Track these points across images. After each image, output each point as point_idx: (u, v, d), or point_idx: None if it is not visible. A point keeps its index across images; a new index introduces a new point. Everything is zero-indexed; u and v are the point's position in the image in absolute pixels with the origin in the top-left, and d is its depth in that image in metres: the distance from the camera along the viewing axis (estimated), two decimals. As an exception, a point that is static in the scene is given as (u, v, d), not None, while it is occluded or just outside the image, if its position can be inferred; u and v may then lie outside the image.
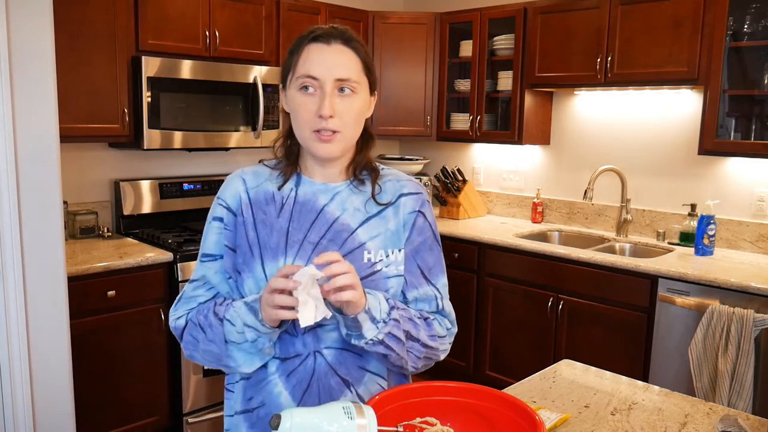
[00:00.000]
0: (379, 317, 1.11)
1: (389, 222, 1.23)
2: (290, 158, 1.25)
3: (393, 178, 1.28)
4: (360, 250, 1.19)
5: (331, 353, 1.19)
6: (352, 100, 1.17)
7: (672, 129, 3.34)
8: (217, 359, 1.20)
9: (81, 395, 2.44)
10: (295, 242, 1.19)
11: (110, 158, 3.27)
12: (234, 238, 1.23)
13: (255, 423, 1.24)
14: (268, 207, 1.23)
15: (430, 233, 1.27)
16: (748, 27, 2.85)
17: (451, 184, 3.96)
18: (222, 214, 1.24)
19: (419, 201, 1.26)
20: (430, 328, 1.23)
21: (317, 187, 1.23)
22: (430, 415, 1.11)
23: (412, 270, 1.24)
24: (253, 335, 1.13)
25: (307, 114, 1.15)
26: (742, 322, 2.50)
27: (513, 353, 3.36)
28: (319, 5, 3.67)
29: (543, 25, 3.43)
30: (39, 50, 2.10)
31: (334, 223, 1.20)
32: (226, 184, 1.26)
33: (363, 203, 1.23)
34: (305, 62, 1.15)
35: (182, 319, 1.25)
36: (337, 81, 1.15)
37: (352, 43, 1.18)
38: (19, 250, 2.10)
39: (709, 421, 1.39)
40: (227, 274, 1.23)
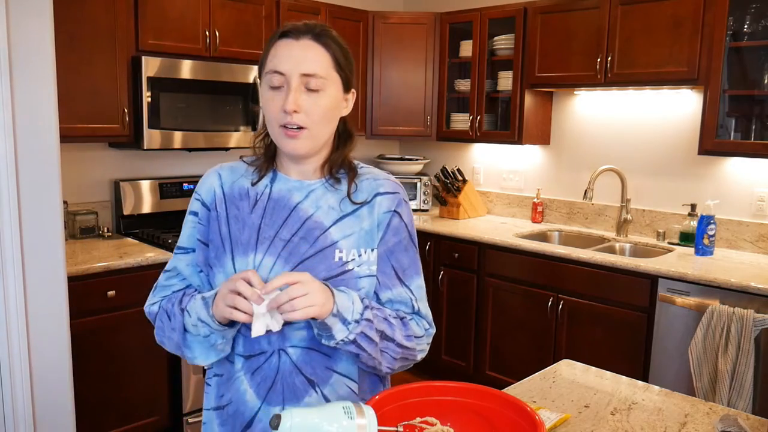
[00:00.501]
0: (351, 318, 1.10)
1: (363, 221, 1.21)
2: (267, 155, 1.25)
3: (370, 177, 1.26)
4: (331, 248, 1.18)
5: (297, 352, 1.18)
6: (319, 97, 1.15)
7: (672, 129, 3.34)
8: (177, 347, 1.23)
9: (81, 395, 2.44)
10: (266, 239, 1.19)
11: (110, 158, 3.27)
12: (207, 233, 1.23)
13: (225, 420, 1.23)
14: (241, 202, 1.23)
15: (405, 234, 1.25)
16: (748, 27, 2.85)
17: (451, 184, 3.96)
18: (197, 209, 1.26)
19: (395, 200, 1.24)
20: (406, 328, 1.20)
21: (292, 184, 1.23)
22: (430, 415, 1.11)
23: (385, 271, 1.22)
24: (206, 330, 1.15)
25: (274, 109, 1.15)
26: (742, 322, 2.50)
27: (513, 353, 3.36)
28: (319, 5, 3.67)
29: (543, 25, 3.43)
30: (39, 50, 2.10)
31: (306, 220, 1.19)
32: (203, 179, 1.28)
33: (338, 202, 1.22)
34: (273, 58, 1.16)
35: (156, 305, 1.28)
36: (303, 76, 1.14)
37: (323, 39, 1.16)
38: (19, 250, 2.11)
39: (709, 421, 1.39)
40: (198, 267, 1.25)
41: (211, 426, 1.26)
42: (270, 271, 1.17)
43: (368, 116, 4.04)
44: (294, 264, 1.17)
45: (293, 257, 1.17)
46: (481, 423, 1.11)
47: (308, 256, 1.17)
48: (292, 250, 1.18)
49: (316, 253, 1.17)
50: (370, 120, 4.05)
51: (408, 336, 1.20)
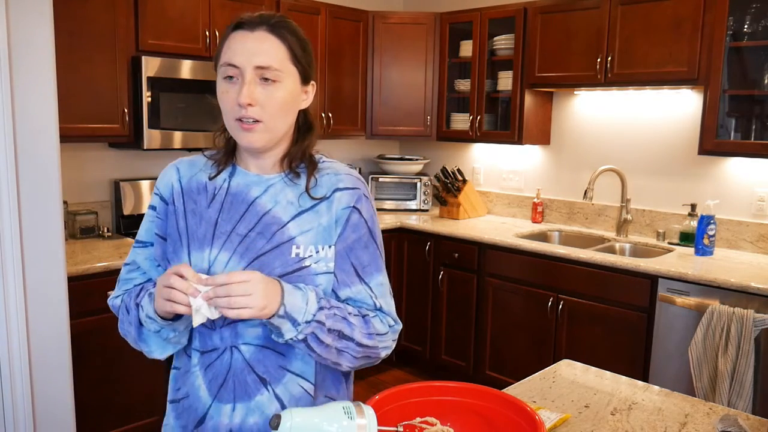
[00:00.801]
0: (302, 319, 1.07)
1: (322, 217, 1.19)
2: (227, 149, 1.24)
3: (331, 171, 1.23)
4: (288, 244, 1.16)
5: (250, 349, 1.16)
6: (275, 89, 1.13)
7: (672, 129, 3.34)
8: (135, 342, 1.23)
9: (81, 395, 2.44)
10: (223, 233, 1.17)
11: (110, 158, 3.27)
12: (165, 227, 1.23)
13: (180, 414, 1.24)
14: (199, 197, 1.22)
15: (365, 230, 1.22)
16: (748, 27, 2.85)
17: (451, 184, 3.96)
18: (155, 203, 1.25)
19: (355, 196, 1.20)
20: (367, 326, 1.17)
21: (250, 179, 1.21)
22: (430, 415, 1.11)
23: (344, 268, 1.19)
24: (155, 326, 1.15)
25: (229, 102, 1.14)
26: (742, 322, 2.50)
27: (513, 353, 3.36)
28: (319, 5, 3.67)
29: (543, 25, 3.43)
30: (39, 50, 2.10)
31: (264, 215, 1.18)
32: (162, 174, 1.28)
33: (296, 197, 1.19)
34: (227, 50, 1.14)
35: (118, 299, 1.28)
36: (257, 69, 1.12)
37: (278, 30, 1.14)
38: (19, 250, 2.11)
39: (709, 421, 1.39)
40: (156, 262, 1.25)
41: (169, 418, 1.28)
42: (225, 266, 1.16)
43: (368, 116, 4.04)
44: (250, 259, 1.15)
45: (249, 252, 1.16)
46: (481, 423, 1.11)
47: (264, 251, 1.16)
48: (249, 245, 1.16)
49: (273, 249, 1.16)
50: (370, 120, 4.05)
51: (369, 334, 1.17)
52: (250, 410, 1.16)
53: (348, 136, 4.02)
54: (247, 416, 1.16)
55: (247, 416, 1.16)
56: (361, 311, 1.19)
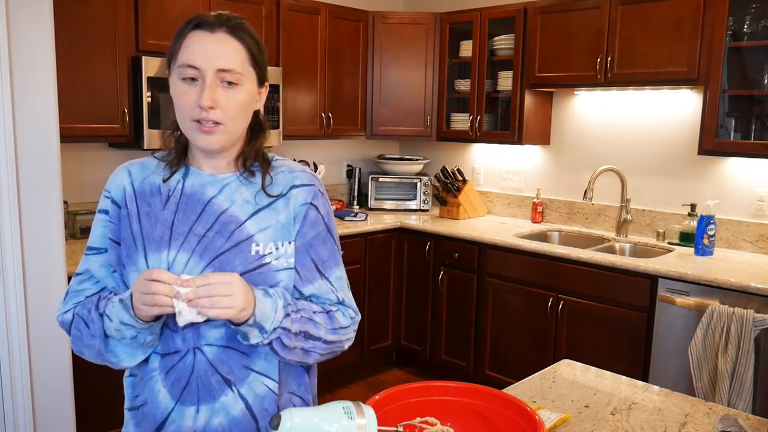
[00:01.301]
0: (269, 327, 1.08)
1: (280, 214, 1.19)
2: (179, 149, 1.23)
3: (286, 169, 1.24)
4: (248, 242, 1.16)
5: (213, 350, 1.15)
6: (236, 92, 1.13)
7: (672, 129, 3.34)
8: (99, 355, 1.19)
9: (81, 395, 2.44)
10: (180, 234, 1.16)
11: (110, 158, 3.27)
12: (118, 231, 1.20)
13: (140, 421, 1.21)
14: (153, 199, 1.20)
15: (323, 226, 1.23)
16: (748, 27, 2.85)
17: (451, 184, 3.96)
18: (107, 207, 1.22)
19: (311, 193, 1.22)
20: (332, 322, 1.19)
21: (205, 179, 1.20)
22: (430, 415, 1.11)
23: (305, 264, 1.21)
24: (132, 332, 1.11)
25: (187, 104, 1.12)
26: (741, 322, 2.50)
27: (513, 353, 3.36)
28: (319, 5, 3.68)
29: (543, 25, 3.43)
30: (39, 50, 2.10)
31: (221, 215, 1.17)
32: (112, 177, 1.24)
33: (253, 195, 1.20)
34: (186, 50, 1.12)
35: (69, 313, 1.23)
36: (219, 72, 1.11)
37: (238, 33, 1.14)
38: (19, 250, 2.11)
39: (709, 421, 1.39)
40: (112, 267, 1.21)
41: (128, 427, 1.24)
42: (184, 267, 1.15)
43: (368, 116, 4.04)
44: (210, 259, 1.15)
45: (208, 252, 1.15)
46: (481, 423, 1.11)
47: (224, 250, 1.16)
48: (207, 245, 1.16)
49: (232, 248, 1.16)
50: (370, 120, 4.05)
51: (334, 329, 1.19)
52: (215, 411, 1.16)
53: (348, 136, 4.02)
54: (212, 417, 1.16)
55: (212, 417, 1.16)
56: (325, 307, 1.21)
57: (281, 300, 1.11)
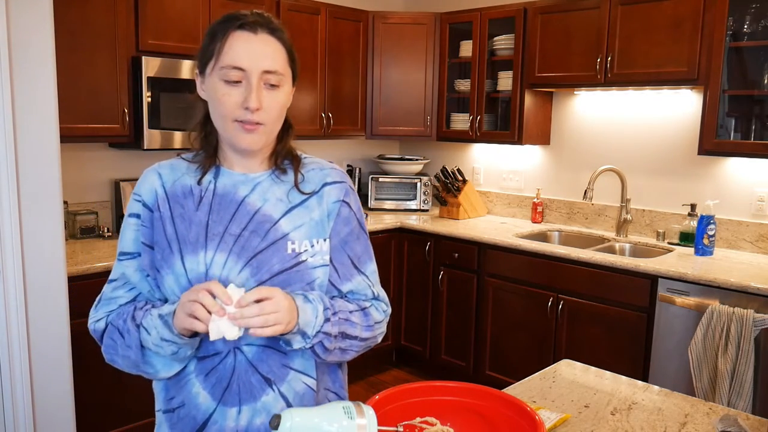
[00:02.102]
0: (311, 332, 1.10)
1: (313, 211, 1.20)
2: (208, 150, 1.22)
3: (316, 166, 1.25)
4: (283, 241, 1.16)
5: (252, 350, 1.16)
6: (278, 93, 1.14)
7: (672, 129, 3.34)
8: (135, 365, 1.18)
9: (81, 395, 2.44)
10: (216, 235, 1.16)
11: (110, 158, 3.27)
12: (151, 235, 1.19)
13: (175, 423, 1.21)
14: (185, 201, 1.19)
15: (356, 222, 1.25)
16: (748, 27, 2.85)
17: (451, 184, 3.96)
18: (138, 211, 1.20)
19: (343, 190, 1.24)
20: (367, 318, 1.22)
21: (237, 178, 1.20)
22: (430, 415, 1.11)
23: (343, 261, 1.22)
24: (173, 348, 1.11)
25: (231, 104, 1.11)
26: (741, 322, 2.50)
27: (513, 353, 3.36)
28: (319, 5, 3.67)
29: (543, 25, 3.43)
30: (39, 50, 2.10)
31: (255, 214, 1.17)
32: (142, 179, 1.23)
33: (285, 193, 1.20)
34: (230, 51, 1.11)
35: (102, 321, 1.23)
36: (264, 73, 1.12)
37: (278, 33, 1.15)
38: (19, 250, 2.11)
39: (709, 421, 1.39)
40: (145, 272, 1.20)
41: (162, 428, 1.24)
42: (223, 268, 1.15)
43: (368, 116, 4.04)
44: (247, 259, 1.15)
45: (245, 252, 1.15)
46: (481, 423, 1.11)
47: (261, 249, 1.16)
48: (244, 244, 1.16)
49: (269, 246, 1.16)
50: (370, 120, 4.05)
51: (369, 326, 1.22)
52: (257, 411, 1.16)
53: (348, 136, 4.02)
54: (254, 417, 1.16)
55: (254, 417, 1.16)
56: (360, 304, 1.23)
57: (321, 305, 1.13)
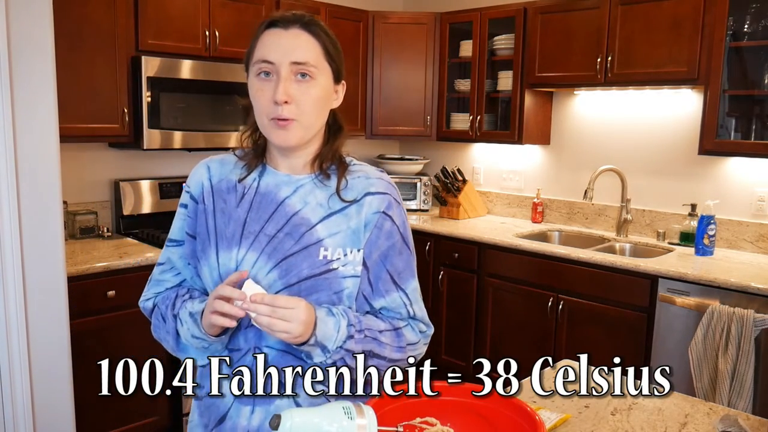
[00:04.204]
0: (332, 346, 1.09)
1: (351, 220, 1.18)
2: (257, 149, 1.23)
3: (362, 174, 1.23)
4: (317, 246, 1.15)
5: (272, 353, 1.16)
6: (310, 86, 1.13)
7: (672, 129, 3.34)
8: (172, 350, 1.24)
9: (81, 395, 2.44)
10: (251, 233, 1.17)
11: (110, 158, 3.27)
12: (194, 226, 1.23)
13: (203, 412, 1.24)
14: (228, 196, 1.21)
15: (398, 237, 1.21)
16: (748, 27, 2.85)
17: (451, 184, 3.96)
18: (186, 201, 1.25)
19: (385, 201, 1.20)
20: (399, 339, 1.19)
21: (280, 179, 1.20)
22: (430, 415, 1.11)
23: (381, 276, 1.19)
24: (204, 344, 1.15)
25: (263, 100, 1.13)
26: (742, 322, 2.50)
27: (513, 353, 3.36)
28: (318, 5, 3.67)
29: (543, 25, 3.43)
30: (39, 50, 2.10)
31: (293, 216, 1.17)
32: (192, 172, 1.26)
33: (326, 198, 1.19)
34: (261, 47, 1.13)
35: (150, 301, 1.28)
36: (293, 65, 1.11)
37: (312, 28, 1.14)
38: (19, 250, 2.10)
39: (709, 421, 1.39)
40: (187, 260, 1.25)
41: (193, 415, 1.28)
42: (252, 266, 1.15)
43: (368, 116, 4.04)
44: (277, 260, 1.15)
45: (277, 253, 1.15)
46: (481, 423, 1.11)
47: (292, 252, 1.15)
48: (277, 246, 1.15)
49: (301, 250, 1.15)
50: (370, 120, 4.05)
51: (400, 347, 1.19)
52: (269, 413, 1.16)
53: (348, 136, 4.01)
54: (266, 419, 1.16)
55: (266, 419, 1.16)
56: (394, 323, 1.20)
57: (345, 320, 1.11)
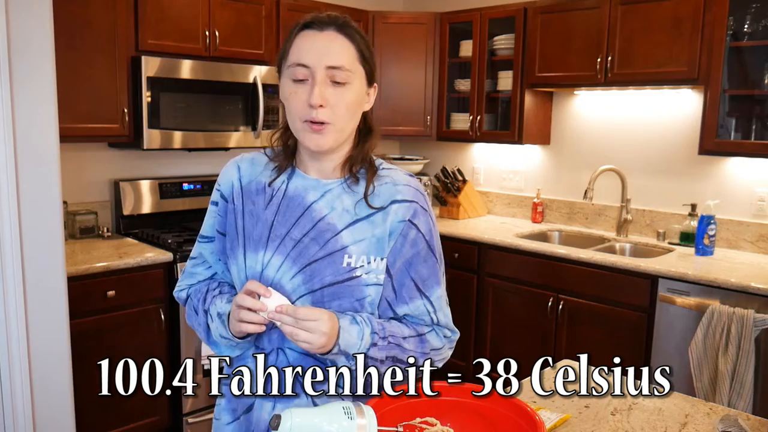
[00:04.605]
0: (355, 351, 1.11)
1: (376, 228, 1.16)
2: (287, 151, 1.23)
3: (390, 180, 1.21)
4: (341, 253, 1.15)
5: (294, 354, 1.18)
6: (345, 90, 1.12)
7: (672, 129, 3.34)
8: (205, 341, 1.26)
9: (81, 395, 2.44)
10: (277, 237, 1.17)
11: (110, 158, 3.27)
12: (224, 224, 1.25)
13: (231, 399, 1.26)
14: (257, 197, 1.21)
15: (423, 244, 1.20)
16: (748, 27, 2.85)
17: (451, 184, 3.96)
18: (217, 199, 1.27)
19: (411, 209, 1.18)
20: (423, 345, 1.20)
21: (308, 183, 1.20)
22: (430, 415, 1.11)
23: (405, 283, 1.19)
24: (231, 343, 1.19)
25: (297, 103, 1.12)
26: (742, 322, 2.50)
27: (513, 353, 3.36)
28: (318, 5, 3.67)
29: (543, 25, 3.43)
30: (39, 50, 2.10)
31: (319, 221, 1.17)
32: (224, 170, 1.27)
33: (353, 204, 1.18)
34: (296, 50, 1.12)
35: (184, 292, 1.32)
36: (329, 69, 1.10)
37: (347, 30, 1.13)
38: (19, 250, 2.10)
39: (709, 421, 1.39)
40: (218, 256, 1.27)
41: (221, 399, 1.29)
42: (277, 270, 1.15)
43: (368, 116, 4.03)
44: (302, 265, 1.15)
45: (301, 258, 1.15)
46: (481, 423, 1.11)
47: (317, 258, 1.15)
48: (302, 251, 1.16)
49: (325, 257, 1.15)
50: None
51: (424, 353, 1.20)
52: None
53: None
54: None
55: None
56: (418, 329, 1.21)
57: (368, 327, 1.12)
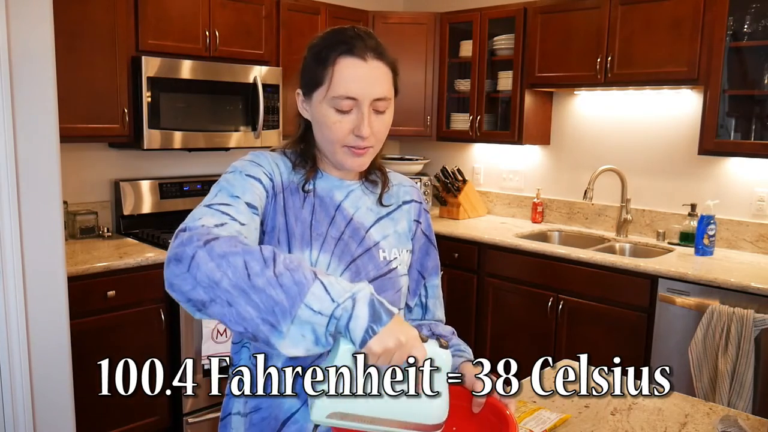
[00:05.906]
0: None
1: (398, 224, 1.27)
2: (307, 160, 1.22)
3: (397, 183, 1.33)
4: (375, 248, 1.21)
5: None
6: (386, 117, 1.17)
7: (672, 129, 3.34)
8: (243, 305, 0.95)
9: (81, 395, 2.44)
10: (319, 235, 1.18)
11: (110, 158, 3.27)
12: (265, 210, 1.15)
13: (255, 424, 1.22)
14: (293, 196, 1.20)
15: (424, 239, 1.32)
16: (748, 27, 2.85)
17: (451, 184, 3.96)
18: (264, 181, 1.14)
19: (419, 210, 1.32)
20: None
21: (333, 182, 1.23)
22: None
23: (413, 276, 1.30)
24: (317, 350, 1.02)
25: (342, 132, 1.13)
26: (742, 322, 2.50)
27: (513, 353, 3.36)
28: (319, 5, 3.67)
29: (543, 25, 3.43)
30: (39, 50, 2.10)
31: (351, 220, 1.21)
32: (265, 159, 1.18)
33: (374, 203, 1.26)
34: (341, 80, 1.10)
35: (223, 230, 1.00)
36: (375, 101, 1.13)
37: (383, 55, 1.14)
38: (19, 250, 2.10)
39: (709, 421, 1.39)
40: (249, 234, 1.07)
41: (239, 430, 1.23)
42: (327, 269, 1.16)
43: (368, 116, 4.04)
44: (347, 263, 1.18)
45: (345, 256, 1.18)
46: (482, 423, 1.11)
47: (358, 255, 1.19)
48: (344, 248, 1.19)
49: (364, 253, 1.20)
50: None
51: None
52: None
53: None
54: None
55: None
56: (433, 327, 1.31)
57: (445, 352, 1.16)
